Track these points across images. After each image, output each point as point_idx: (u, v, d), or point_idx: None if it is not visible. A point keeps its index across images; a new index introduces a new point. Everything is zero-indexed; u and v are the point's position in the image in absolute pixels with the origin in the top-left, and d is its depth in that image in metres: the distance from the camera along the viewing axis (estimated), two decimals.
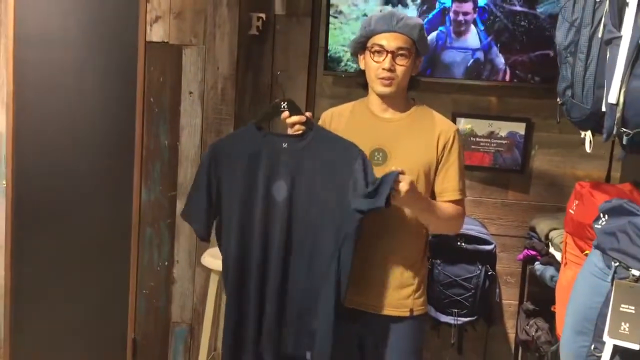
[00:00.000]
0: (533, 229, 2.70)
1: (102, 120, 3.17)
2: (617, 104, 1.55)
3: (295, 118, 1.97)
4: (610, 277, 1.51)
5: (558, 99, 1.97)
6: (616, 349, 1.50)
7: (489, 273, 2.66)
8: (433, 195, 2.07)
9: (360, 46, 2.05)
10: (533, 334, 2.60)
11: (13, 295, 3.28)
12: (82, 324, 3.28)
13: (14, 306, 3.28)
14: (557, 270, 2.29)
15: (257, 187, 1.94)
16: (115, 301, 3.25)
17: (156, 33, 3.06)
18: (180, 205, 3.13)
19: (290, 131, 2.00)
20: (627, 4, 1.54)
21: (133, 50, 3.07)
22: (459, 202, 2.06)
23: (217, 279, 2.84)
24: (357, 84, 2.15)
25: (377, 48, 1.98)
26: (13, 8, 3.11)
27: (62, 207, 3.22)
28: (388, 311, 2.04)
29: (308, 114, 2.00)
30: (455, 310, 2.67)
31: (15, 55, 3.13)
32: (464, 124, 2.92)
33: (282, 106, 1.97)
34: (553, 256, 2.42)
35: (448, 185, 2.04)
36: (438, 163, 2.04)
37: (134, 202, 3.16)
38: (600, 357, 1.54)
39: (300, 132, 1.97)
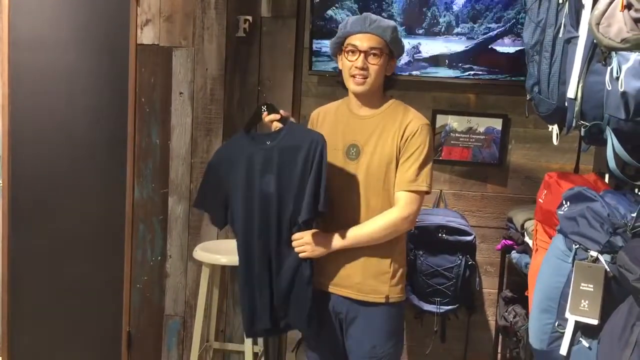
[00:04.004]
0: (510, 220, 2.80)
1: (95, 120, 3.24)
2: (575, 99, 1.67)
3: (270, 116, 2.16)
4: (571, 259, 1.63)
5: (527, 95, 2.09)
6: (577, 325, 1.62)
7: (469, 263, 2.75)
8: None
9: (338, 47, 2.16)
10: (511, 319, 2.68)
11: (10, 291, 3.34)
12: (78, 318, 3.33)
13: (10, 302, 3.34)
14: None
15: (252, 181, 2.12)
16: (110, 295, 3.31)
17: (147, 36, 3.14)
18: (172, 202, 3.23)
19: (272, 129, 2.18)
20: (583, 6, 1.65)
21: (124, 52, 3.15)
22: (412, 193, 2.08)
23: (209, 272, 2.92)
24: (337, 82, 2.25)
25: (350, 48, 2.09)
26: (7, 12, 3.17)
27: (58, 205, 3.29)
28: (366, 297, 2.15)
29: (282, 112, 2.16)
30: (438, 299, 2.76)
31: (10, 58, 3.19)
32: (451, 120, 3.03)
33: (262, 109, 2.18)
34: (528, 245, 2.52)
35: (403, 176, 2.08)
36: (400, 154, 2.10)
37: (127, 199, 3.23)
38: (563, 332, 1.66)
39: (277, 128, 2.16)
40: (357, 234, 2.10)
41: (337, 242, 2.10)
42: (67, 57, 3.20)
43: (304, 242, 2.08)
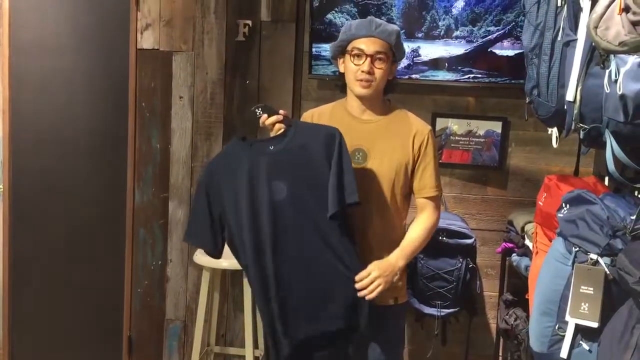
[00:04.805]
0: (511, 223, 2.79)
1: (96, 124, 3.24)
2: (574, 101, 1.67)
3: (272, 118, 2.04)
4: (571, 262, 1.63)
5: (526, 98, 2.09)
6: (578, 328, 1.62)
7: (470, 266, 2.75)
8: (411, 190, 2.20)
9: (340, 50, 2.15)
10: (512, 322, 2.68)
11: (11, 295, 3.34)
12: (79, 322, 3.33)
13: (12, 306, 3.34)
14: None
15: (258, 192, 1.98)
16: (110, 300, 3.31)
17: (147, 40, 3.14)
18: (172, 206, 3.23)
19: (272, 133, 2.08)
20: (581, 9, 1.66)
21: (125, 57, 3.15)
22: (434, 198, 2.18)
23: (209, 276, 2.93)
24: (336, 86, 2.25)
25: (356, 52, 2.08)
26: (8, 16, 3.18)
27: (58, 209, 3.29)
28: (378, 302, 2.12)
29: (282, 111, 2.07)
30: (439, 302, 2.76)
31: (11, 62, 3.20)
32: (451, 124, 3.03)
33: (258, 112, 2.04)
34: (528, 247, 2.52)
35: (426, 183, 2.16)
36: (414, 162, 2.15)
37: (127, 204, 3.23)
38: (564, 335, 1.66)
39: (281, 130, 2.05)
40: (411, 246, 2.13)
41: (400, 261, 2.09)
42: (67, 61, 3.20)
43: (374, 278, 2.00)
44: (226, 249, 2.11)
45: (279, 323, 2.01)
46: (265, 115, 2.05)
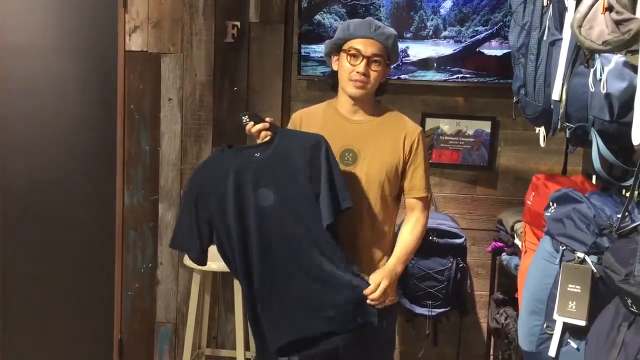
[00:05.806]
0: (500, 222, 2.79)
1: (85, 127, 3.23)
2: (560, 100, 1.68)
3: (258, 126, 2.04)
4: (558, 260, 1.63)
5: (514, 98, 2.10)
6: (565, 326, 1.62)
7: (460, 265, 2.75)
8: (401, 190, 2.20)
9: (336, 48, 2.14)
10: (503, 321, 2.69)
11: (0, 299, 3.32)
12: (69, 325, 3.32)
13: (1, 309, 3.32)
14: None
15: (245, 200, 1.99)
16: (101, 303, 3.29)
17: (135, 42, 3.13)
18: (162, 209, 3.22)
19: (258, 140, 2.08)
20: (566, 9, 1.67)
21: (113, 59, 3.14)
22: (424, 199, 2.19)
23: (200, 278, 2.92)
24: (328, 84, 2.25)
25: (354, 52, 2.08)
26: None
27: (48, 212, 3.27)
28: None
29: (269, 119, 2.07)
30: (429, 302, 2.75)
31: None
32: (441, 124, 3.04)
33: (244, 120, 2.05)
34: (518, 247, 2.53)
35: (416, 184, 2.17)
36: (405, 163, 2.15)
37: (117, 206, 3.22)
38: (552, 334, 1.66)
39: (267, 138, 2.05)
40: (406, 251, 2.14)
41: (398, 267, 2.11)
42: (55, 64, 3.19)
43: (383, 290, 2.01)
44: (210, 251, 2.12)
45: (265, 325, 2.02)
46: (251, 123, 2.05)
